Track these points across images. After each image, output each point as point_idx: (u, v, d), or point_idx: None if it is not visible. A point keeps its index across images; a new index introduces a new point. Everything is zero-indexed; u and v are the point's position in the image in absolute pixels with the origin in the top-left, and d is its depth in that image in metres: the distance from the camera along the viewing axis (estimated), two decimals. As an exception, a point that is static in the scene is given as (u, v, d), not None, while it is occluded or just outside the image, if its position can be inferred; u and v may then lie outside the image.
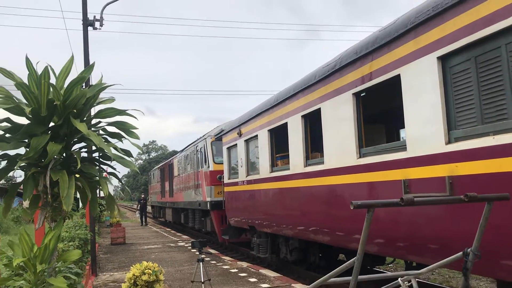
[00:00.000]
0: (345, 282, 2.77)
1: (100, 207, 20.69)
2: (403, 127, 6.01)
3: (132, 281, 5.20)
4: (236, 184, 13.14)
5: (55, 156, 3.99)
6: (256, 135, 11.33)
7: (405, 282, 3.37)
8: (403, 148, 5.89)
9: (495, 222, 4.33)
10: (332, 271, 2.75)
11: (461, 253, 2.75)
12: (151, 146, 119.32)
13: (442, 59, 5.18)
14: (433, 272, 11.44)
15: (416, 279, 3.39)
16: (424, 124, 5.49)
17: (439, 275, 11.22)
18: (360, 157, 6.87)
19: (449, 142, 5.10)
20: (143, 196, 32.75)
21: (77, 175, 4.09)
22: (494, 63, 4.55)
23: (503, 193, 2.62)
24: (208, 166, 16.66)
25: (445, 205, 5.11)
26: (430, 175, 5.31)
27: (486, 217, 2.51)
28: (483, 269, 4.85)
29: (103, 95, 4.43)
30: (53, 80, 3.99)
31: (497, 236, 4.41)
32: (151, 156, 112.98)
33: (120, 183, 5.15)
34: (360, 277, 2.77)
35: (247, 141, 12.27)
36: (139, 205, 31.84)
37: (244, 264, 11.41)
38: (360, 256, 2.32)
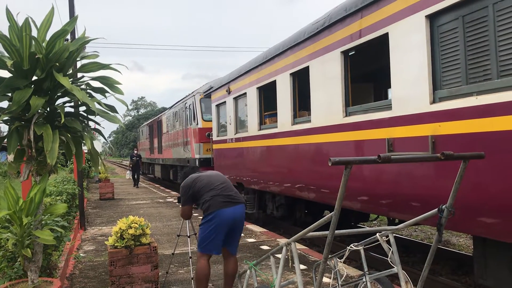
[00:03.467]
0: (323, 236, 2.85)
1: (89, 162, 20.70)
2: (391, 86, 6.03)
3: (119, 234, 5.29)
4: (224, 141, 13.18)
5: (39, 110, 3.96)
6: (245, 93, 11.28)
7: (383, 237, 3.48)
8: (389, 107, 5.93)
9: (471, 180, 4.45)
10: (311, 225, 2.83)
11: (436, 209, 2.83)
12: (140, 103, 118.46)
13: (430, 18, 5.14)
14: (416, 229, 11.76)
15: (394, 234, 3.50)
16: (409, 83, 5.50)
17: (422, 232, 11.55)
18: (346, 115, 6.91)
19: (433, 102, 5.14)
20: (136, 151, 25.61)
21: (62, 130, 4.08)
22: (481, 22, 4.53)
23: (481, 152, 2.67)
24: (197, 123, 16.65)
25: (426, 164, 5.21)
26: (413, 134, 5.38)
27: (461, 175, 2.57)
28: (460, 226, 5.00)
29: (93, 50, 4.36)
30: (34, 33, 3.91)
31: (472, 193, 4.54)
32: (140, 113, 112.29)
33: (104, 140, 5.12)
34: (337, 231, 2.85)
35: (236, 98, 12.23)
36: (131, 163, 25.07)
37: (231, 220, 11.61)
38: (337, 211, 2.38)
